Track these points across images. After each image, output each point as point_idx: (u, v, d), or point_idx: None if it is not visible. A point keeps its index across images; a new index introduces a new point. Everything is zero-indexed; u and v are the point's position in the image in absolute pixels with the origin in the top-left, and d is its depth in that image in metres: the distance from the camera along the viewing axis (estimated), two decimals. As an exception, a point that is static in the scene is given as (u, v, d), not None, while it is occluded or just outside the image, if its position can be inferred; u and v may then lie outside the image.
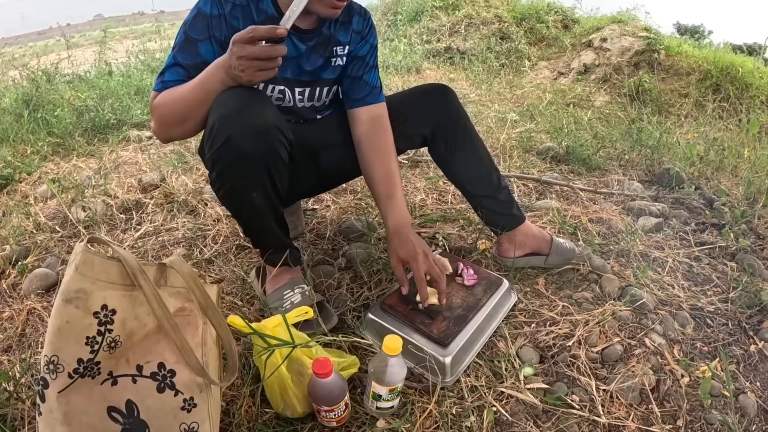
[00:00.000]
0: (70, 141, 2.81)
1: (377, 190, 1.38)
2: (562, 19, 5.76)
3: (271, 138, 1.09)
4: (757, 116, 3.87)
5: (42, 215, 2.00)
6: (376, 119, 1.40)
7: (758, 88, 4.15)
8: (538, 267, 1.62)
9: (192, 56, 1.16)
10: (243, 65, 0.98)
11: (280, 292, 1.33)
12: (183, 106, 1.11)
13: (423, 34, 5.78)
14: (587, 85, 4.54)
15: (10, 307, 1.53)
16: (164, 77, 1.17)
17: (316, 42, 1.31)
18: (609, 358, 1.29)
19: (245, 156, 1.07)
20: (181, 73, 1.16)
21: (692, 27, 14.31)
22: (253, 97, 1.08)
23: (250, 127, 1.05)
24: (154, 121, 1.17)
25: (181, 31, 1.19)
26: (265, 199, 1.18)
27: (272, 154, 1.11)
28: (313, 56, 1.33)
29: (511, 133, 3.00)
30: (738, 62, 4.37)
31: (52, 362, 0.78)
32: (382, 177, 1.37)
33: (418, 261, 1.26)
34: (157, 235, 1.85)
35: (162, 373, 0.84)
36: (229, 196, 1.18)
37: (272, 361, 1.02)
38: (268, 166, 1.12)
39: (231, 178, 1.12)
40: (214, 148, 1.07)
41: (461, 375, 1.20)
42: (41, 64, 4.25)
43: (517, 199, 2.14)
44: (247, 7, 1.21)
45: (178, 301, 0.88)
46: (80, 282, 0.79)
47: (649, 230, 1.93)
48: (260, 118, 1.07)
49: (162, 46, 5.36)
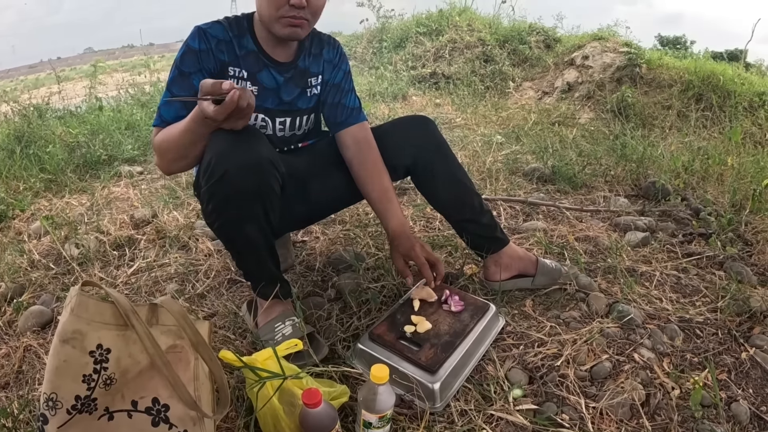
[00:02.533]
0: (62, 177, 2.85)
1: (375, 207, 1.51)
2: (543, 39, 5.84)
3: (265, 172, 1.15)
4: (740, 122, 3.91)
5: (36, 252, 2.02)
6: (362, 141, 1.50)
7: (740, 95, 4.16)
8: (525, 289, 1.64)
9: (187, 89, 1.26)
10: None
11: (272, 325, 1.36)
12: (178, 145, 1.19)
13: (408, 60, 5.86)
14: (571, 103, 4.60)
15: (6, 344, 1.55)
16: (161, 112, 1.26)
17: (293, 74, 1.43)
18: (598, 376, 1.31)
19: (240, 190, 1.14)
20: (176, 106, 1.25)
21: (674, 38, 14.59)
22: (248, 133, 1.16)
23: (245, 162, 1.12)
24: (156, 157, 1.26)
25: (173, 67, 1.29)
26: (258, 232, 1.24)
27: (266, 188, 1.17)
28: (290, 86, 1.43)
29: (497, 155, 3.05)
30: (719, 70, 4.41)
31: (51, 399, 0.81)
32: (378, 194, 1.49)
33: (416, 250, 1.43)
34: (149, 271, 1.87)
35: (156, 407, 0.87)
36: (224, 229, 1.24)
37: (264, 393, 1.04)
38: (263, 200, 1.19)
39: (226, 211, 1.18)
40: (210, 183, 1.13)
41: (451, 400, 1.21)
42: (32, 98, 4.31)
43: (504, 222, 2.18)
44: (231, 42, 1.33)
45: (170, 338, 0.92)
46: (76, 323, 0.83)
47: (636, 245, 1.97)
48: (254, 153, 1.14)
49: (152, 80, 5.42)
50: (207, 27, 1.31)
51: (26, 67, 17.34)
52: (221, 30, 1.32)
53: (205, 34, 1.29)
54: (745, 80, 4.41)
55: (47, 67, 15.08)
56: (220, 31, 1.32)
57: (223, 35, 1.32)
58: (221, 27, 1.33)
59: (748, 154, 3.02)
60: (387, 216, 1.48)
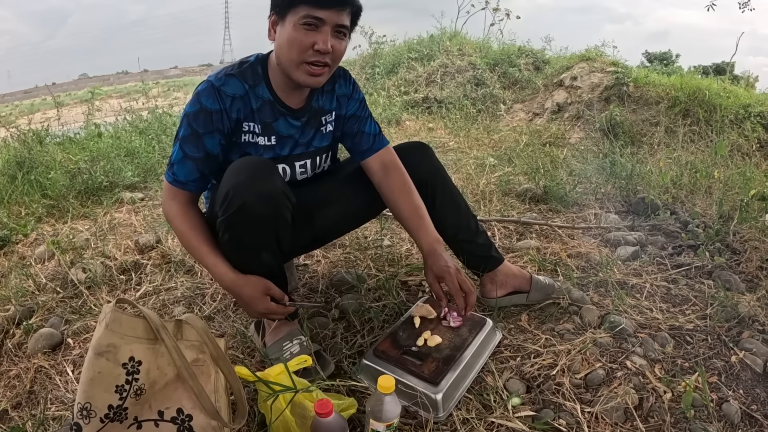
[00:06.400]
0: (64, 203, 2.89)
1: (407, 224, 1.52)
2: (533, 61, 5.97)
3: (279, 203, 1.24)
4: (727, 135, 4.01)
5: (42, 276, 2.07)
6: (388, 165, 1.54)
7: (726, 108, 4.25)
8: (521, 304, 1.71)
9: (198, 149, 1.30)
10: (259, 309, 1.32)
11: (280, 343, 1.42)
12: (190, 252, 1.37)
13: (401, 85, 5.93)
14: (561, 123, 4.70)
15: (16, 365, 1.59)
16: (174, 170, 1.32)
17: (308, 117, 1.46)
18: (592, 383, 1.37)
19: (257, 220, 1.22)
20: (190, 167, 1.31)
21: (660, 54, 14.87)
22: (263, 166, 1.24)
23: (261, 193, 1.20)
24: (165, 217, 1.37)
25: (185, 122, 1.30)
26: (272, 258, 1.33)
27: (280, 218, 1.26)
28: (307, 129, 1.47)
29: (490, 177, 3.14)
30: (704, 85, 4.50)
31: (85, 408, 0.88)
32: (409, 212, 1.50)
33: (452, 274, 1.39)
34: (157, 294, 1.92)
35: (181, 417, 0.93)
36: (240, 256, 1.30)
37: (277, 406, 1.10)
38: (276, 229, 1.27)
39: (243, 239, 1.25)
40: (229, 213, 1.20)
41: (453, 409, 1.27)
42: (31, 123, 4.36)
43: (499, 242, 2.25)
44: (246, 96, 1.34)
45: (193, 352, 0.99)
46: (110, 337, 0.90)
47: (627, 259, 2.04)
48: (270, 184, 1.22)
49: (149, 106, 5.47)
50: (220, 84, 1.30)
51: (21, 93, 17.45)
52: (236, 84, 1.32)
53: (219, 93, 1.29)
54: (730, 93, 4.51)
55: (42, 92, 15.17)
56: (235, 87, 1.31)
57: (238, 90, 1.32)
58: (236, 81, 1.32)
59: (736, 166, 3.10)
60: (420, 233, 1.48)
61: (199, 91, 1.30)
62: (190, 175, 1.31)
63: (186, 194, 1.34)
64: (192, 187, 1.34)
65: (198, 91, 1.31)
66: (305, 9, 1.21)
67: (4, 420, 1.38)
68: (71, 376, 1.50)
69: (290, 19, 1.24)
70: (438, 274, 1.42)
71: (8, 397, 1.46)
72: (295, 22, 1.23)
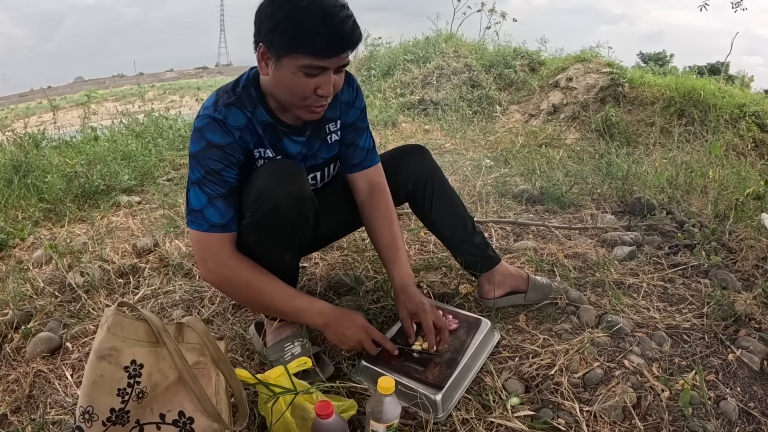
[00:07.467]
0: (61, 207, 2.89)
1: (382, 254, 1.52)
2: (528, 62, 5.98)
3: (307, 205, 1.26)
4: (722, 135, 4.03)
5: (40, 280, 2.06)
6: (375, 186, 1.53)
7: (721, 108, 4.27)
8: (518, 305, 1.71)
9: (222, 185, 1.22)
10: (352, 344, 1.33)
11: (282, 344, 1.43)
12: (266, 303, 1.31)
13: (397, 87, 5.92)
14: (557, 124, 4.72)
15: (15, 369, 1.59)
16: (205, 216, 1.22)
17: (311, 129, 1.41)
18: (590, 382, 1.38)
19: (288, 222, 1.24)
20: (221, 206, 1.22)
21: (655, 54, 14.97)
22: (293, 170, 1.26)
23: (292, 195, 1.21)
24: (212, 275, 1.26)
25: (195, 164, 1.23)
26: (293, 258, 1.37)
27: (306, 220, 1.28)
28: (312, 141, 1.44)
29: (486, 179, 3.14)
30: (699, 85, 4.51)
31: (87, 412, 0.88)
32: (386, 241, 1.50)
33: (426, 311, 1.38)
34: (155, 297, 1.92)
35: (182, 420, 0.94)
36: (267, 256, 1.29)
37: (277, 408, 1.10)
38: (302, 230, 1.29)
39: (272, 241, 1.26)
40: (259, 215, 1.21)
41: (452, 410, 1.28)
42: (27, 126, 4.35)
43: (496, 243, 2.25)
44: (249, 124, 1.28)
45: (194, 355, 0.99)
46: (112, 341, 0.91)
47: (623, 259, 2.05)
48: (299, 187, 1.24)
49: (145, 109, 5.47)
50: (222, 116, 1.23)
51: (17, 96, 17.41)
52: (238, 114, 1.25)
53: (225, 125, 1.22)
54: (725, 93, 4.52)
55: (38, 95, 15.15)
56: (237, 117, 1.25)
57: (240, 120, 1.25)
58: (236, 111, 1.25)
59: (731, 166, 3.12)
60: (393, 266, 1.48)
61: (200, 128, 1.23)
62: (226, 214, 1.23)
63: (230, 237, 1.25)
64: (234, 227, 1.25)
65: (199, 127, 1.23)
66: (307, 59, 1.13)
67: (3, 424, 1.38)
68: (70, 380, 1.50)
69: (288, 63, 1.15)
70: (413, 311, 1.40)
71: (7, 402, 1.45)
72: (295, 68, 1.15)
